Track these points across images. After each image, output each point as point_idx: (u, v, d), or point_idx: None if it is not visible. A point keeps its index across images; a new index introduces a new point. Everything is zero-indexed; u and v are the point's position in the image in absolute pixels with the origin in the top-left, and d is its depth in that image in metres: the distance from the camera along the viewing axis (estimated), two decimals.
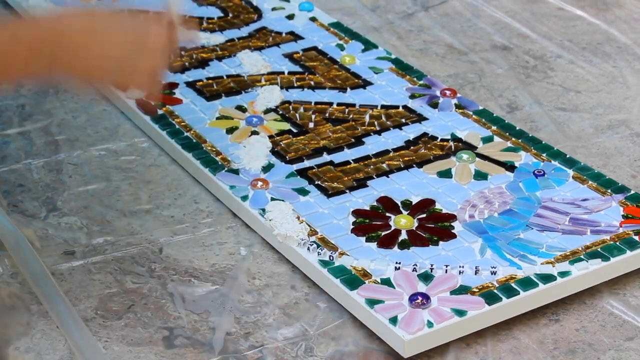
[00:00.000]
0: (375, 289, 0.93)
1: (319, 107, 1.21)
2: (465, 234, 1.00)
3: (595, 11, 1.52)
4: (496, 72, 1.36)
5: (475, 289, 0.93)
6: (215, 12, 1.44)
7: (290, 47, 1.35)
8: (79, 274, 0.98)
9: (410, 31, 1.46)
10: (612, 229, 1.00)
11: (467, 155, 1.12)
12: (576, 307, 0.95)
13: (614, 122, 1.25)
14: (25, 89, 1.29)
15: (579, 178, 1.08)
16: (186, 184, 1.12)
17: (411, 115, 1.20)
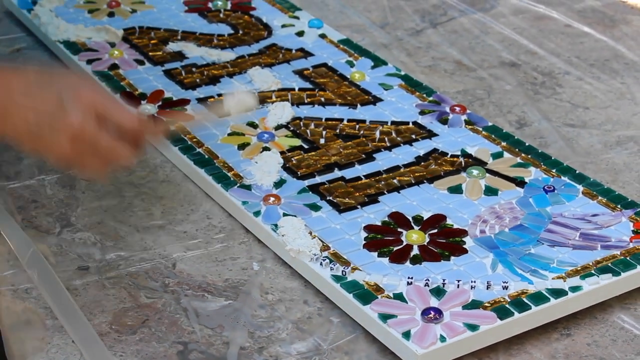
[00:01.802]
0: (388, 304, 0.93)
1: (330, 124, 1.22)
2: (477, 249, 1.01)
3: (602, 28, 1.53)
4: (505, 89, 1.37)
5: (487, 304, 0.93)
6: (226, 29, 1.45)
7: (300, 64, 1.36)
8: (93, 289, 0.98)
9: (419, 48, 1.47)
10: (622, 244, 1.01)
11: (477, 171, 1.12)
12: (587, 321, 0.96)
13: (622, 138, 1.26)
14: None
15: (589, 194, 1.09)
16: (199, 199, 1.12)
17: (421, 132, 1.21)
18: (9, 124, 0.90)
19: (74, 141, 0.89)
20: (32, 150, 0.93)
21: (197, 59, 1.37)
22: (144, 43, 1.41)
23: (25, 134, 0.90)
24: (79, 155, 0.91)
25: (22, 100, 0.89)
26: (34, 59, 1.40)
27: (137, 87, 1.30)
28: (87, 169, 0.93)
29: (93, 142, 0.90)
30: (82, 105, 0.90)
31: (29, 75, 0.91)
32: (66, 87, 0.91)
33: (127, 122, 0.92)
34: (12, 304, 0.97)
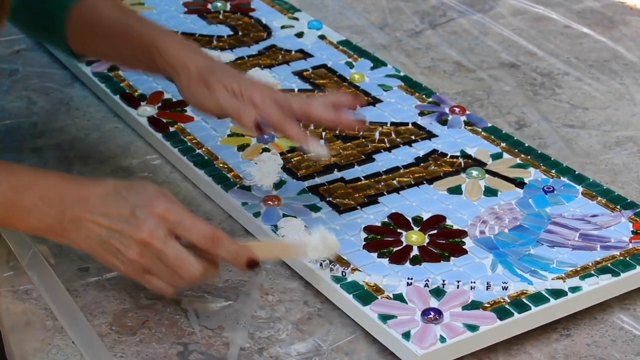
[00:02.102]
0: (388, 305, 0.93)
1: None
2: (476, 250, 1.01)
3: (601, 29, 1.53)
4: (504, 89, 1.37)
5: (486, 304, 0.93)
6: (225, 31, 1.45)
7: (299, 65, 1.36)
8: (93, 290, 0.98)
9: (418, 49, 1.48)
10: (621, 245, 1.01)
11: (476, 171, 1.12)
12: (587, 322, 0.96)
13: (621, 138, 1.26)
14: (37, 106, 1.30)
15: (588, 194, 1.09)
16: (198, 200, 1.13)
17: (421, 132, 1.21)
18: (81, 235, 0.91)
19: (141, 249, 0.89)
20: (101, 261, 0.93)
21: None
22: None
23: (96, 244, 0.91)
24: (146, 265, 0.90)
25: (97, 210, 0.91)
26: (33, 61, 1.40)
27: (137, 88, 1.30)
28: (153, 281, 0.91)
29: (160, 252, 0.89)
30: (155, 216, 0.90)
31: (107, 187, 0.93)
32: (141, 198, 0.91)
33: (198, 238, 0.90)
34: (12, 305, 0.97)
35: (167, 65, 1.06)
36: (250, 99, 1.01)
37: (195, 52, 1.07)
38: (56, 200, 0.91)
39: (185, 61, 1.05)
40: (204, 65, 1.04)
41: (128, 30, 1.09)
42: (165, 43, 1.06)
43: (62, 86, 1.35)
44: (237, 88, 1.02)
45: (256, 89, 1.02)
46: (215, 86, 1.02)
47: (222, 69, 1.05)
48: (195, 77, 1.03)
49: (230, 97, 1.01)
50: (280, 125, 1.00)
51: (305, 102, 1.03)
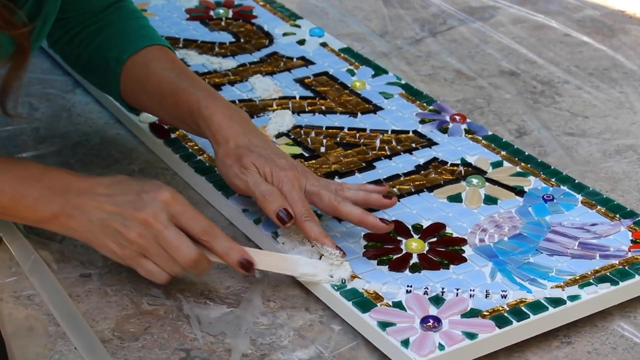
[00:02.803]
0: (387, 312, 0.94)
1: (330, 132, 1.23)
2: (476, 258, 1.01)
3: (601, 37, 1.54)
4: (504, 97, 1.37)
5: (485, 312, 0.94)
6: (227, 38, 1.46)
7: (301, 72, 1.37)
8: (95, 296, 0.99)
9: (419, 57, 1.48)
10: (620, 254, 1.01)
11: (477, 179, 1.13)
12: (588, 329, 0.97)
13: (621, 147, 1.26)
14: (39, 112, 1.31)
15: (588, 203, 1.10)
16: (200, 206, 1.13)
17: (421, 140, 1.22)
18: (84, 219, 0.96)
19: (141, 230, 0.94)
20: (98, 247, 0.98)
21: (198, 67, 1.37)
22: None
23: (97, 228, 0.96)
24: (143, 246, 0.94)
25: (103, 195, 0.96)
26: (35, 67, 1.41)
27: None
28: (147, 265, 0.95)
29: (160, 233, 0.94)
30: (159, 201, 0.95)
31: (115, 177, 0.99)
32: (148, 186, 0.97)
33: (196, 230, 0.95)
34: (14, 310, 0.97)
35: (209, 133, 1.07)
36: (279, 187, 1.02)
37: (240, 124, 1.07)
38: (63, 189, 0.96)
39: (226, 134, 1.05)
40: (243, 142, 1.05)
41: (177, 91, 1.10)
42: (210, 109, 1.07)
43: (64, 92, 1.35)
44: (269, 173, 1.03)
45: (287, 176, 1.02)
46: (248, 166, 1.03)
47: (260, 147, 1.05)
48: (232, 153, 1.04)
49: (260, 182, 1.02)
50: (301, 223, 1.00)
51: (334, 198, 1.02)
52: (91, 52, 1.16)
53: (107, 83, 1.17)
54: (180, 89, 1.10)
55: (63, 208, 0.96)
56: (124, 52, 1.14)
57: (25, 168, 0.98)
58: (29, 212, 0.97)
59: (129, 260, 0.96)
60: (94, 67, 1.17)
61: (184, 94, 1.09)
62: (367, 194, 1.04)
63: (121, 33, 1.16)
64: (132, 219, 0.94)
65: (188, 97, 1.09)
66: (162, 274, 0.96)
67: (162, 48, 1.16)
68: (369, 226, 1.02)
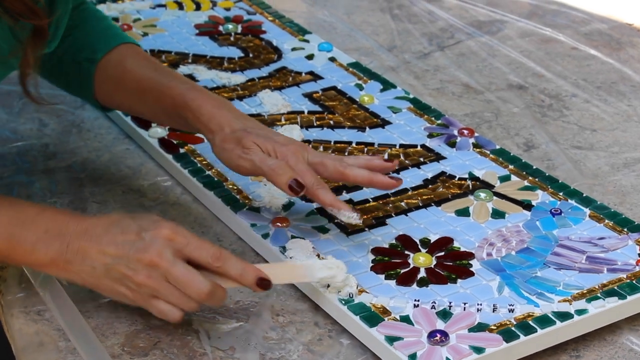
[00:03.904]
0: (395, 326, 0.94)
1: (339, 146, 1.23)
2: (483, 272, 1.02)
3: (608, 50, 1.54)
4: (512, 111, 1.38)
5: (493, 327, 0.94)
6: (236, 53, 1.47)
7: (309, 87, 1.37)
8: (105, 311, 0.99)
9: (427, 71, 1.49)
10: (628, 268, 1.02)
11: (484, 194, 1.13)
12: (596, 343, 0.97)
13: (630, 160, 1.26)
14: (49, 128, 1.31)
15: (596, 217, 1.10)
16: (209, 222, 1.14)
17: (429, 155, 1.22)
18: (86, 266, 0.92)
19: (149, 271, 0.91)
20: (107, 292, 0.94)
21: (207, 82, 1.38)
22: None
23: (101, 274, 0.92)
24: (153, 288, 0.91)
25: (103, 238, 0.92)
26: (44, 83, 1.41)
27: None
28: (160, 305, 0.92)
29: (168, 272, 0.91)
30: (161, 238, 0.92)
31: (111, 217, 0.95)
32: (146, 222, 0.93)
33: (205, 257, 0.93)
34: (24, 325, 0.98)
35: (200, 124, 1.07)
36: (284, 160, 1.03)
37: (230, 110, 1.08)
38: (60, 232, 0.92)
39: (219, 121, 1.06)
40: (238, 126, 1.06)
41: (158, 86, 1.10)
42: (197, 101, 1.07)
43: (74, 108, 1.36)
44: (271, 149, 1.04)
45: (290, 150, 1.04)
46: (250, 146, 1.04)
47: (256, 128, 1.06)
48: (230, 138, 1.05)
49: (265, 158, 1.03)
50: (314, 191, 1.02)
51: (340, 164, 1.05)
52: (61, 55, 1.15)
53: (79, 85, 1.16)
54: (161, 84, 1.10)
55: (61, 253, 0.92)
56: (96, 52, 1.14)
57: (19, 210, 0.94)
58: (27, 257, 0.94)
59: (140, 303, 0.93)
60: (65, 70, 1.16)
61: (165, 88, 1.09)
62: (371, 174, 1.05)
63: (90, 34, 1.16)
64: (137, 261, 0.91)
65: (171, 91, 1.09)
66: (175, 312, 0.93)
67: (133, 46, 1.16)
68: (378, 185, 1.05)
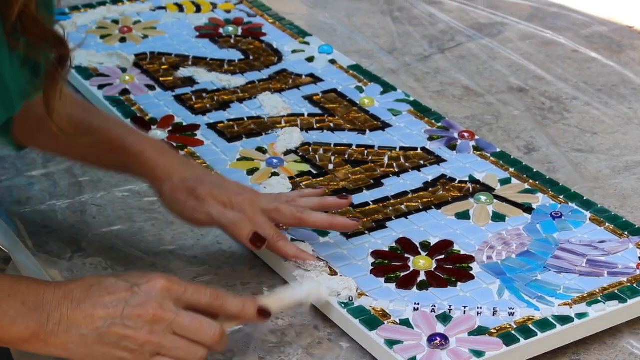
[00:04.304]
0: (394, 330, 0.94)
1: (339, 149, 1.23)
2: (484, 275, 1.01)
3: (609, 53, 1.54)
4: (513, 114, 1.37)
5: (493, 330, 0.94)
6: (237, 55, 1.47)
7: (310, 89, 1.37)
8: None
9: (427, 73, 1.49)
10: (629, 271, 1.01)
11: (485, 197, 1.13)
12: (597, 347, 0.96)
13: (630, 163, 1.26)
14: None
15: (596, 220, 1.09)
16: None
17: (429, 157, 1.22)
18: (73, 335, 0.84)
19: (151, 327, 0.85)
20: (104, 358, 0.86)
21: (207, 84, 1.38)
22: (155, 68, 1.42)
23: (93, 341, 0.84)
24: (158, 344, 0.85)
25: (87, 302, 0.84)
26: None
27: (148, 112, 1.31)
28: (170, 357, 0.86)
29: (174, 323, 0.86)
30: (158, 289, 0.86)
31: (88, 279, 0.87)
32: (135, 277, 0.87)
33: (206, 299, 0.88)
34: None
35: (143, 170, 1.03)
36: (241, 211, 1.01)
37: (174, 156, 1.04)
38: (38, 302, 0.84)
39: (166, 169, 1.02)
40: (188, 175, 1.02)
41: (91, 129, 1.04)
42: (138, 146, 1.03)
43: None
44: (227, 200, 1.01)
45: (245, 200, 1.01)
46: (205, 198, 1.01)
47: (206, 176, 1.04)
48: (181, 188, 1.01)
49: (224, 211, 1.00)
50: (274, 244, 1.01)
51: (296, 210, 1.02)
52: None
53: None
54: (94, 126, 1.04)
55: (42, 325, 0.83)
56: None
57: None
58: (6, 333, 0.83)
59: None
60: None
61: (101, 130, 1.04)
62: (321, 198, 1.05)
63: None
64: (136, 318, 0.84)
65: (107, 135, 1.04)
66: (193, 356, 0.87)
67: None
68: (339, 227, 1.04)
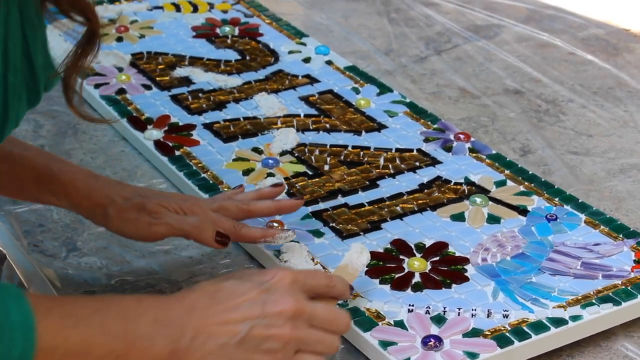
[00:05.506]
0: (389, 331, 0.94)
1: (334, 150, 1.23)
2: (478, 277, 1.01)
3: (605, 56, 1.54)
4: (509, 116, 1.38)
5: (487, 332, 0.94)
6: (233, 55, 1.47)
7: (306, 90, 1.37)
8: None
9: (424, 75, 1.49)
10: (623, 274, 1.01)
11: (480, 199, 1.13)
12: (591, 349, 0.97)
13: (626, 166, 1.26)
14: (44, 130, 1.31)
15: (591, 223, 1.09)
16: None
17: (425, 159, 1.22)
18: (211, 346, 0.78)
19: (293, 322, 0.81)
20: None
21: (203, 84, 1.38)
22: (151, 68, 1.42)
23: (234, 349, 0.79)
24: (300, 338, 0.81)
25: (216, 309, 0.79)
26: None
27: (144, 111, 1.31)
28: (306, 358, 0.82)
29: (312, 315, 0.82)
30: (287, 283, 0.82)
31: (204, 287, 0.81)
32: (256, 276, 0.83)
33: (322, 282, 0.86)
34: None
35: (75, 198, 0.99)
36: (195, 214, 1.00)
37: (106, 180, 1.02)
38: (169, 318, 0.78)
39: (105, 193, 0.99)
40: (129, 194, 0.99)
41: (11, 157, 0.98)
42: (68, 174, 0.99)
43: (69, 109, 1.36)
44: (177, 207, 0.99)
45: (193, 203, 1.01)
46: (158, 210, 0.98)
47: (148, 192, 1.01)
48: (127, 207, 0.98)
49: (181, 218, 0.99)
50: (238, 233, 1.01)
51: (241, 204, 1.03)
52: None
53: None
54: (15, 155, 0.99)
55: (176, 340, 0.77)
56: None
57: (118, 303, 0.79)
58: (147, 355, 0.77)
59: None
60: None
61: (22, 159, 0.99)
62: (275, 203, 1.05)
63: None
64: (276, 316, 0.80)
65: (30, 163, 0.99)
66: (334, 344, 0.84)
67: None
68: (287, 210, 1.06)
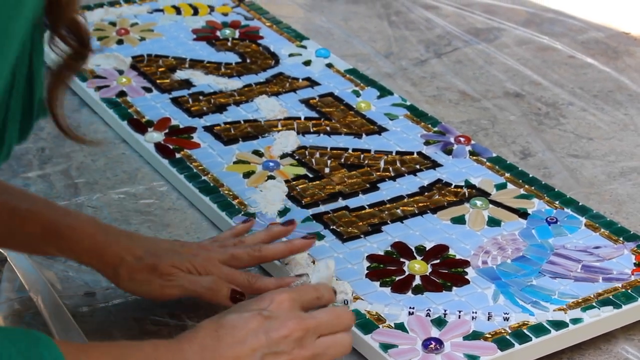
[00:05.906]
0: (389, 334, 0.94)
1: (335, 153, 1.23)
2: (479, 280, 1.01)
3: (605, 59, 1.54)
4: (509, 119, 1.38)
5: (487, 335, 0.94)
6: (234, 58, 1.47)
7: (306, 93, 1.37)
8: (99, 316, 0.99)
9: (424, 78, 1.49)
10: (623, 277, 1.01)
11: (480, 201, 1.13)
12: (592, 352, 0.97)
13: (626, 169, 1.26)
14: (44, 132, 1.31)
15: (592, 226, 1.10)
16: (204, 227, 1.13)
17: (425, 162, 1.22)
18: None
19: (302, 341, 0.82)
20: None
21: (204, 87, 1.38)
22: (151, 71, 1.42)
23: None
24: (313, 354, 0.83)
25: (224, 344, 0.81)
26: None
27: (144, 114, 1.31)
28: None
29: (317, 326, 0.84)
30: (286, 305, 0.84)
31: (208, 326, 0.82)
32: (257, 304, 0.84)
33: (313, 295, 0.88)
34: None
35: (85, 256, 0.96)
36: (207, 272, 0.96)
37: (116, 235, 0.97)
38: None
39: (116, 252, 0.95)
40: (141, 253, 0.95)
41: (18, 212, 0.95)
42: (78, 230, 0.95)
43: (70, 112, 1.36)
44: (190, 267, 0.96)
45: (205, 259, 0.97)
46: (171, 271, 0.95)
47: (159, 250, 0.96)
48: (139, 268, 0.95)
49: (195, 279, 0.95)
50: (253, 287, 0.97)
51: (252, 250, 0.99)
52: None
53: None
54: (22, 211, 0.95)
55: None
56: None
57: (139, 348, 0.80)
58: None
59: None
60: None
61: (30, 215, 0.95)
62: (287, 245, 1.01)
63: None
64: (282, 341, 0.82)
65: (39, 218, 0.95)
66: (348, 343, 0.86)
67: None
68: (298, 250, 1.01)
